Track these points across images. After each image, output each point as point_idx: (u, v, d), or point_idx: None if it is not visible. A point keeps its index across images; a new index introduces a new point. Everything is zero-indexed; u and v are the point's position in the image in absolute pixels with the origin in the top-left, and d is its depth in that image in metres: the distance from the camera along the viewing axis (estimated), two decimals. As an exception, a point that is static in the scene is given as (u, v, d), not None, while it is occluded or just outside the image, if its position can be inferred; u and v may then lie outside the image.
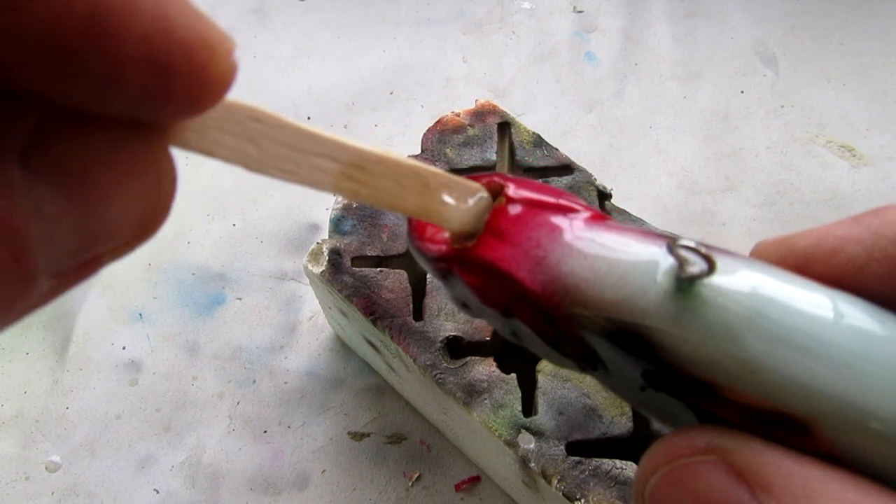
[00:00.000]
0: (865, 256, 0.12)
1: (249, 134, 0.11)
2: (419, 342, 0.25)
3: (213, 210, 0.39)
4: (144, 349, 0.35)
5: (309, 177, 0.12)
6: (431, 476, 0.31)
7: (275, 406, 0.33)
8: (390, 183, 0.13)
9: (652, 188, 0.40)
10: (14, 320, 0.09)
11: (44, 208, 0.08)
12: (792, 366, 0.10)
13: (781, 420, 0.11)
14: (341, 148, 0.12)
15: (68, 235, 0.08)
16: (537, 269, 0.13)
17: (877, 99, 0.43)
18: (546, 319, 0.13)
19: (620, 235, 0.13)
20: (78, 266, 0.09)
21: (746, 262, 0.12)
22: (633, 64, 0.45)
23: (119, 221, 0.09)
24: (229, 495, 0.31)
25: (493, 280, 0.14)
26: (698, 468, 0.11)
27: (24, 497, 0.31)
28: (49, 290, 0.09)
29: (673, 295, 0.11)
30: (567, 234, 0.14)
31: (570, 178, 0.28)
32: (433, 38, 0.47)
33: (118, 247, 0.09)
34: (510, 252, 0.14)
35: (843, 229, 0.13)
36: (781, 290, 0.11)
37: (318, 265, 0.27)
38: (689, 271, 0.11)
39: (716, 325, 0.11)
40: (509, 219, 0.14)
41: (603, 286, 0.12)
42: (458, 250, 0.15)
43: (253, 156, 0.11)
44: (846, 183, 0.40)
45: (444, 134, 0.30)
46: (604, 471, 0.22)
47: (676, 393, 0.12)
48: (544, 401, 0.24)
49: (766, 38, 0.46)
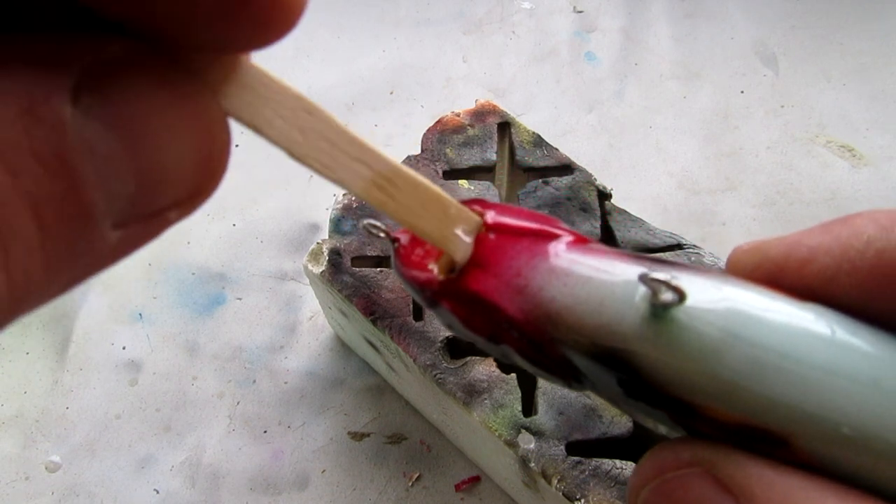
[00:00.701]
0: (835, 268, 0.12)
1: (299, 122, 0.12)
2: (419, 342, 0.25)
3: (213, 210, 0.39)
4: (144, 349, 0.35)
5: (343, 176, 0.13)
6: (431, 476, 0.31)
7: (275, 406, 0.33)
8: (415, 203, 0.14)
9: (652, 188, 0.40)
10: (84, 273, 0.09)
11: (96, 147, 0.08)
12: (765, 384, 0.11)
13: (760, 435, 0.11)
14: (379, 159, 0.13)
15: (125, 178, 0.08)
16: (519, 297, 0.14)
17: (877, 99, 0.43)
18: (531, 344, 0.14)
19: (600, 260, 0.13)
20: (142, 218, 0.09)
21: (720, 283, 0.12)
22: (633, 64, 0.45)
23: (175, 168, 0.09)
24: (229, 495, 0.31)
25: (477, 310, 0.14)
26: (685, 481, 0.11)
27: (24, 497, 0.31)
28: (118, 243, 0.09)
29: (649, 320, 0.12)
30: (547, 262, 0.14)
31: (570, 178, 0.28)
32: (433, 38, 0.47)
33: (180, 200, 0.09)
34: (492, 282, 0.14)
35: (814, 238, 0.13)
36: (755, 311, 0.11)
37: (318, 265, 0.27)
38: (661, 299, 0.11)
39: (692, 348, 0.11)
40: (489, 248, 0.15)
41: (583, 312, 0.13)
42: (444, 282, 0.15)
43: (298, 142, 0.12)
44: (846, 183, 0.40)
45: (444, 134, 0.30)
46: (604, 471, 0.22)
47: (662, 409, 0.12)
48: (544, 401, 0.24)
49: (766, 38, 0.46)
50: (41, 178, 0.08)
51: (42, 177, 0.08)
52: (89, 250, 0.09)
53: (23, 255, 0.08)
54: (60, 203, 0.08)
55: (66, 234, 0.08)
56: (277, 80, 0.11)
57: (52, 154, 0.08)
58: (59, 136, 0.08)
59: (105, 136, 0.08)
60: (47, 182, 0.08)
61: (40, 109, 0.08)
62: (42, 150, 0.08)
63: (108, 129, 0.08)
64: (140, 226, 0.09)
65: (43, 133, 0.08)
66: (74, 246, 0.08)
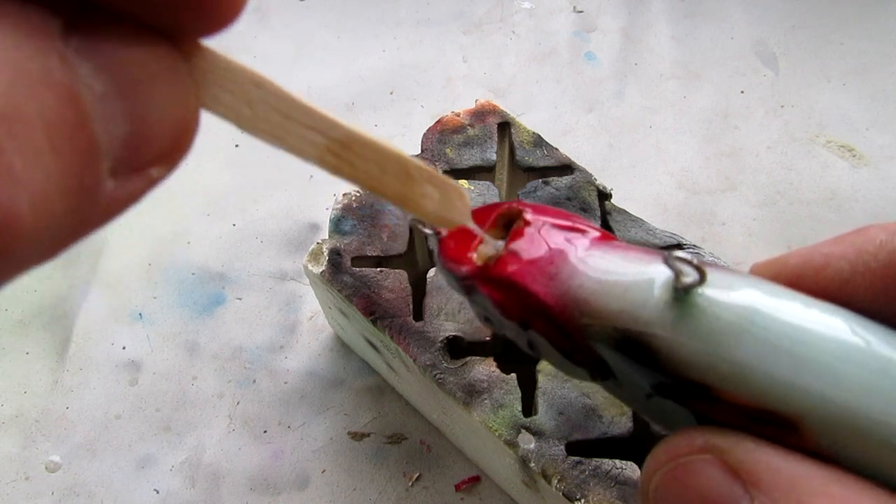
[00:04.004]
0: (850, 270, 0.13)
1: (248, 96, 0.12)
2: (419, 342, 0.25)
3: (213, 210, 0.39)
4: (144, 349, 0.35)
5: (296, 145, 0.13)
6: (431, 476, 0.31)
7: (275, 406, 0.33)
8: (374, 167, 0.14)
9: (652, 188, 0.40)
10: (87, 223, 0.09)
11: (92, 85, 0.08)
12: (779, 368, 0.11)
13: (771, 419, 0.11)
14: (332, 125, 0.13)
15: (119, 120, 0.09)
16: (550, 283, 0.15)
17: (877, 99, 0.43)
18: (559, 330, 0.15)
19: (625, 253, 0.14)
20: (132, 169, 0.09)
21: (739, 276, 0.13)
22: (633, 64, 0.45)
23: (159, 120, 0.09)
24: (229, 495, 0.31)
25: (511, 294, 0.16)
26: (696, 466, 0.12)
27: (24, 497, 0.31)
28: (112, 196, 0.09)
29: (671, 304, 0.12)
30: (577, 252, 0.15)
31: (570, 178, 0.28)
32: (433, 38, 0.47)
33: (162, 155, 0.10)
34: (526, 269, 0.15)
35: (829, 247, 0.14)
36: (770, 300, 0.12)
37: (318, 265, 0.27)
38: (683, 281, 0.12)
39: (709, 331, 0.12)
40: (526, 239, 0.16)
41: (608, 298, 0.14)
42: (482, 268, 0.16)
43: (247, 116, 0.12)
44: (846, 183, 0.40)
45: (444, 134, 0.30)
46: (604, 471, 0.22)
47: (675, 397, 0.13)
48: (544, 401, 0.24)
49: (766, 38, 0.46)
50: (53, 104, 0.08)
51: (54, 102, 0.08)
52: (94, 192, 0.09)
53: (42, 177, 0.08)
54: (71, 130, 0.08)
55: (77, 165, 0.08)
56: (221, 55, 0.11)
57: (61, 83, 0.08)
58: (65, 67, 0.08)
59: (97, 76, 0.09)
60: (59, 107, 0.08)
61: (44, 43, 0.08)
62: (52, 79, 0.08)
63: (99, 70, 0.09)
64: (129, 179, 0.09)
65: (50, 63, 0.08)
66: (83, 180, 0.09)
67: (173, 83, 0.10)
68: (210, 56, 0.11)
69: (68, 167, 0.08)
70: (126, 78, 0.09)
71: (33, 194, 0.08)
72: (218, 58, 0.11)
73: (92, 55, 0.09)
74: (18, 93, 0.08)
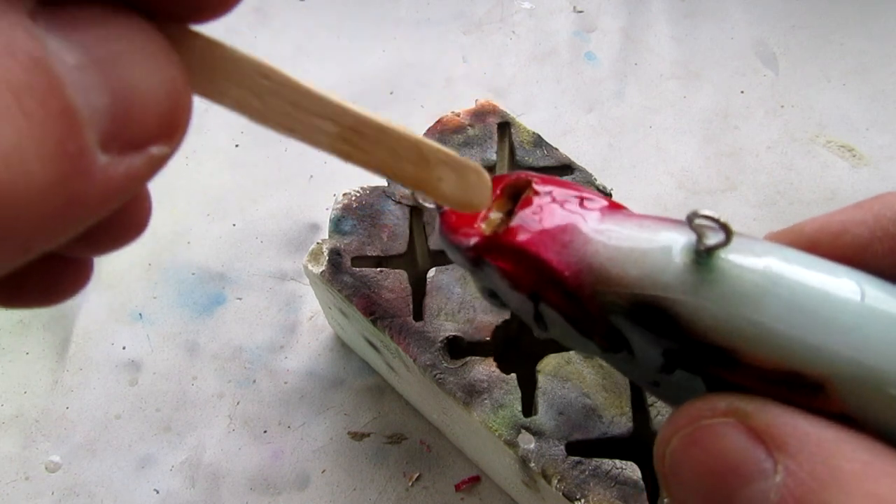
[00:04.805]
0: (869, 236, 0.13)
1: (256, 88, 0.12)
2: (419, 342, 0.25)
3: (213, 210, 0.39)
4: (144, 349, 0.35)
5: (308, 135, 0.12)
6: (431, 476, 0.31)
7: (275, 406, 0.33)
8: (388, 152, 0.14)
9: (652, 188, 0.40)
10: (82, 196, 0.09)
11: (64, 56, 0.09)
12: (805, 329, 0.11)
13: (797, 381, 0.11)
14: (343, 112, 0.13)
15: (98, 89, 0.09)
16: (563, 251, 0.14)
17: (877, 99, 0.43)
18: (572, 300, 0.14)
19: (640, 220, 0.14)
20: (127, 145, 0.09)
21: (759, 241, 0.13)
22: (633, 64, 0.45)
23: (146, 93, 0.09)
24: (229, 495, 0.31)
25: (522, 263, 0.15)
26: (718, 429, 0.11)
27: (24, 497, 0.31)
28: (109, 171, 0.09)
29: (692, 268, 0.12)
30: (591, 219, 0.14)
31: (570, 179, 0.28)
32: (433, 38, 0.47)
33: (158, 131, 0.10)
34: (538, 237, 0.15)
35: (847, 214, 0.13)
36: (793, 262, 0.12)
37: (318, 265, 0.27)
38: (706, 243, 0.12)
39: (734, 293, 0.12)
40: (537, 208, 0.15)
41: (626, 264, 0.13)
42: (490, 237, 0.16)
43: (257, 108, 0.12)
44: (846, 183, 0.40)
45: (444, 134, 0.30)
46: (604, 471, 0.22)
47: (695, 366, 0.12)
48: (544, 401, 0.24)
49: (766, 38, 0.46)
50: (17, 70, 0.08)
51: (18, 69, 0.08)
52: (82, 164, 0.09)
53: (10, 133, 0.08)
54: (41, 95, 0.08)
55: (54, 129, 0.08)
56: (228, 47, 0.11)
57: (25, 51, 0.08)
58: (29, 38, 0.08)
59: (69, 48, 0.09)
60: (24, 74, 0.08)
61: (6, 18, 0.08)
62: (14, 48, 0.08)
63: (71, 43, 0.09)
64: (126, 156, 0.09)
65: (14, 34, 0.08)
66: (64, 146, 0.09)
67: (153, 58, 0.10)
68: (216, 48, 0.11)
69: (44, 130, 0.08)
70: (99, 51, 0.09)
71: (4, 151, 0.08)
72: (224, 50, 0.11)
73: (61, 30, 0.09)
74: None
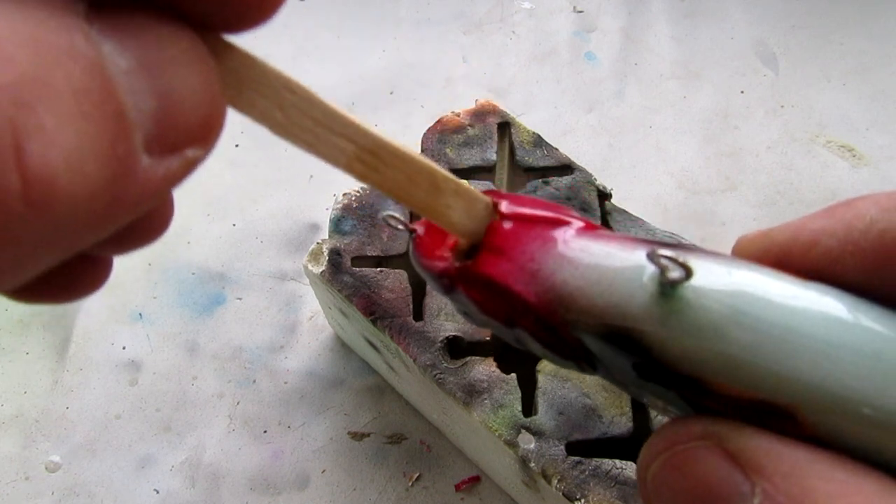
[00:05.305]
0: (839, 249, 0.12)
1: (281, 101, 0.12)
2: (419, 342, 0.25)
3: (213, 210, 0.39)
4: (144, 349, 0.35)
5: (326, 152, 0.13)
6: (431, 476, 0.31)
7: (275, 406, 0.33)
8: (401, 176, 0.14)
9: (652, 188, 0.40)
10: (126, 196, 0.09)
11: (117, 61, 0.09)
12: (771, 358, 0.11)
13: (767, 409, 0.11)
14: (362, 133, 0.13)
15: (146, 94, 0.09)
16: (532, 281, 0.14)
17: (877, 99, 0.43)
18: (545, 327, 0.14)
19: (608, 244, 0.14)
20: (167, 148, 0.10)
21: (726, 263, 0.12)
22: (633, 64, 0.45)
23: (188, 98, 0.10)
24: (229, 495, 0.31)
25: (493, 294, 0.15)
26: (696, 453, 0.12)
27: (24, 497, 0.31)
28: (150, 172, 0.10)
29: (658, 299, 0.12)
30: (558, 247, 0.14)
31: (570, 178, 0.28)
32: (433, 38, 0.47)
33: (196, 134, 0.10)
34: (507, 267, 0.15)
35: (818, 222, 0.13)
36: (759, 288, 0.12)
37: (318, 265, 0.27)
38: (669, 277, 0.12)
39: (699, 325, 0.11)
40: (504, 234, 0.15)
41: (594, 294, 0.13)
42: (460, 268, 0.16)
43: (279, 121, 0.12)
44: (846, 183, 0.40)
45: (444, 134, 0.30)
46: (604, 471, 0.22)
47: (669, 387, 0.12)
48: (544, 401, 0.24)
49: (766, 38, 0.46)
50: (79, 73, 0.08)
51: (79, 72, 0.08)
52: (129, 165, 0.09)
53: (73, 136, 0.08)
54: (99, 98, 0.09)
55: (108, 131, 0.09)
56: (257, 59, 0.12)
57: (85, 55, 0.09)
58: (88, 42, 0.09)
59: (120, 53, 0.09)
60: (85, 76, 0.09)
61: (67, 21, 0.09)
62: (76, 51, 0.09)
63: (122, 48, 0.09)
64: (165, 158, 0.10)
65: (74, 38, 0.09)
66: (115, 148, 0.09)
67: (195, 64, 0.10)
68: (246, 60, 0.11)
69: (99, 132, 0.09)
70: (148, 57, 0.09)
71: (67, 152, 0.08)
72: (253, 61, 0.12)
73: (114, 35, 0.09)
74: (45, 61, 0.08)
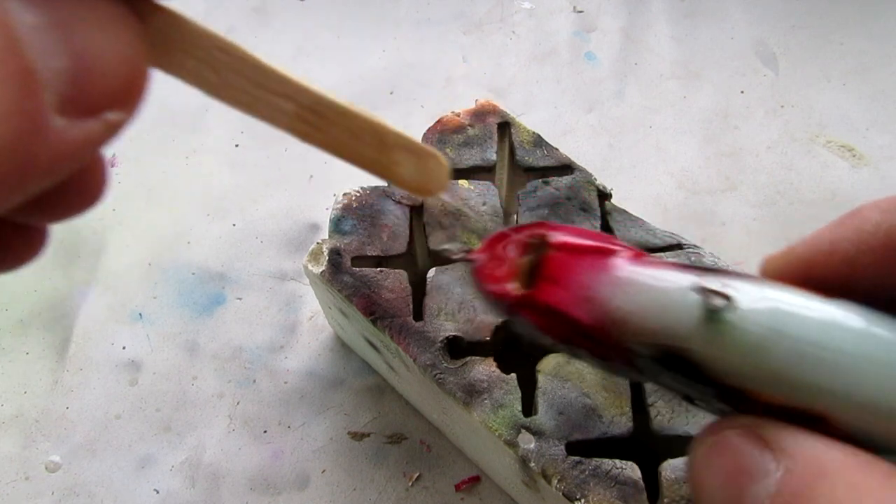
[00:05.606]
0: (854, 251, 0.14)
1: (213, 62, 0.11)
2: (419, 342, 0.25)
3: (213, 210, 0.39)
4: (144, 349, 0.35)
5: (266, 113, 0.13)
6: (431, 476, 0.31)
7: (275, 406, 0.33)
8: (346, 134, 0.14)
9: (652, 188, 0.40)
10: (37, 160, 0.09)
11: (23, 17, 0.09)
12: (807, 372, 0.13)
13: (801, 413, 0.13)
14: (301, 91, 0.13)
15: (57, 52, 0.09)
16: (589, 307, 0.16)
17: (877, 99, 0.43)
18: (602, 347, 0.16)
19: (657, 271, 0.15)
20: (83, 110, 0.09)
21: (762, 286, 0.14)
22: (633, 64, 0.45)
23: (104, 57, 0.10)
24: (229, 495, 0.31)
25: (553, 319, 0.16)
26: (734, 438, 0.13)
27: (24, 497, 0.31)
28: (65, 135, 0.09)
29: (704, 322, 0.14)
30: (610, 275, 0.16)
31: (570, 178, 0.28)
32: (433, 38, 0.47)
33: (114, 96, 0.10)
34: (564, 295, 0.16)
35: (832, 232, 0.15)
36: (794, 309, 0.13)
37: (318, 265, 0.27)
38: (713, 304, 0.14)
39: (742, 345, 0.13)
40: (558, 265, 0.17)
41: (645, 317, 0.15)
42: (523, 297, 0.17)
43: (213, 83, 0.12)
44: (846, 183, 0.40)
45: (444, 134, 0.30)
46: (604, 471, 0.22)
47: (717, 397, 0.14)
48: (544, 401, 0.24)
49: (766, 38, 0.46)
50: None
51: None
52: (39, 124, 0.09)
53: None
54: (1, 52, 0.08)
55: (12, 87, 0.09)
56: (187, 18, 0.11)
57: None
58: None
59: (27, 9, 0.09)
60: None
61: None
62: None
63: (32, 5, 0.09)
64: (83, 121, 0.10)
65: None
66: (22, 105, 0.09)
67: (113, 23, 0.10)
68: (174, 19, 0.11)
69: (3, 87, 0.08)
70: (59, 14, 0.09)
71: None
72: (182, 21, 0.11)
73: None
74: None
